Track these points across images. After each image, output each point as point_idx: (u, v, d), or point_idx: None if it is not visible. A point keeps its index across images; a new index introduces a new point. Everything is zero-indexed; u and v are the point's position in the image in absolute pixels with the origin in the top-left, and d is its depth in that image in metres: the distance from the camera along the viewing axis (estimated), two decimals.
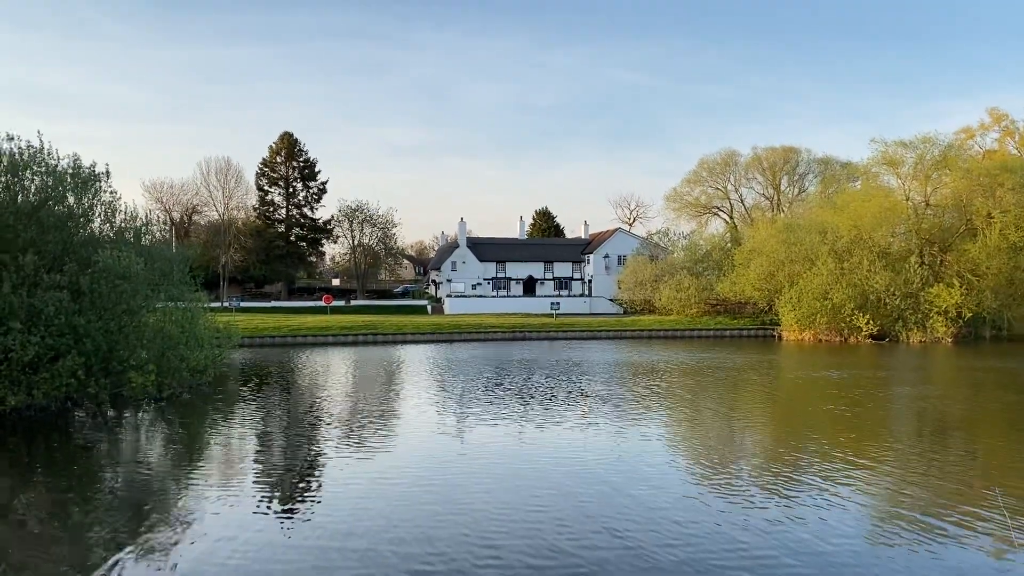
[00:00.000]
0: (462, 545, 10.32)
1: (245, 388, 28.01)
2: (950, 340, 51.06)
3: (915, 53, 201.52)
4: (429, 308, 79.47)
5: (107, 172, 25.11)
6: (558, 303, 75.91)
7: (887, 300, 53.31)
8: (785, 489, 13.18)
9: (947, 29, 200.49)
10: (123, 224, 26.07)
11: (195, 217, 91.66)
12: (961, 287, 52.12)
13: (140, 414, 21.97)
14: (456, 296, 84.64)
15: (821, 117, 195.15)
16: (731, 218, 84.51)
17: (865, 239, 56.24)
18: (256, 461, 16.05)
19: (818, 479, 13.90)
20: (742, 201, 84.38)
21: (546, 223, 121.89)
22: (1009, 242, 53.04)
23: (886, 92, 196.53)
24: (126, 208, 26.28)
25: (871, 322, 52.08)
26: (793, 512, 11.84)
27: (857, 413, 21.83)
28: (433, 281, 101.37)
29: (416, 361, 38.37)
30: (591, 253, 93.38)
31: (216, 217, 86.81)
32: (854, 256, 55.78)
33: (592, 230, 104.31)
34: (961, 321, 51.70)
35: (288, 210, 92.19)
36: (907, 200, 60.05)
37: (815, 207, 67.91)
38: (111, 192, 25.39)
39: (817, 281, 54.60)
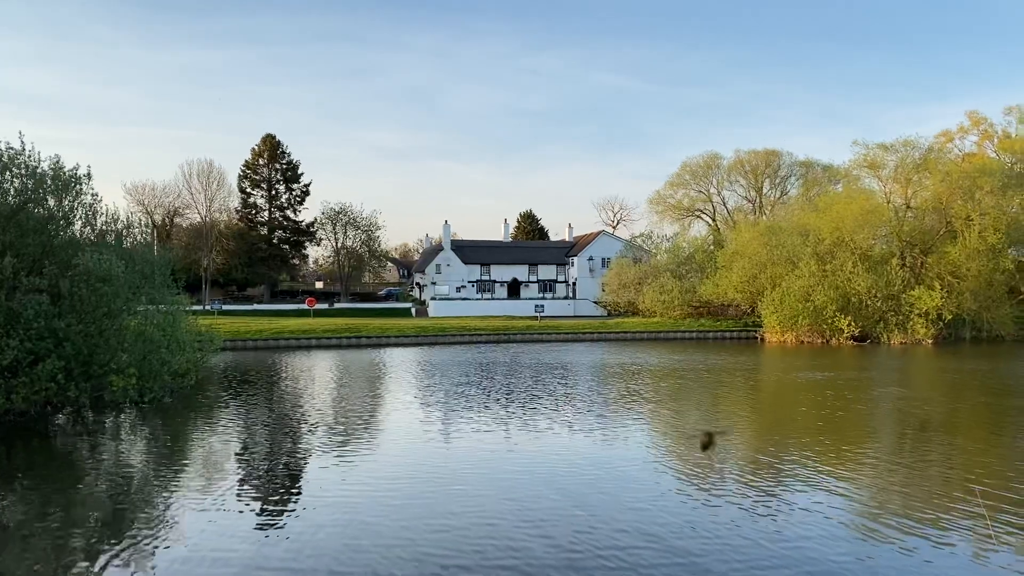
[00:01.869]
0: (442, 554, 10.31)
1: (227, 392, 27.83)
2: (930, 342, 51.51)
3: (896, 57, 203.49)
4: (413, 311, 79.33)
5: (88, 174, 24.89)
6: (542, 305, 75.98)
7: (868, 302, 53.72)
8: (768, 491, 13.24)
9: (927, 33, 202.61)
10: (104, 226, 25.87)
11: (177, 219, 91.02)
12: (941, 289, 52.62)
13: (121, 418, 21.79)
14: (440, 299, 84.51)
15: (803, 120, 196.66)
16: (714, 220, 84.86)
17: (847, 241, 56.68)
18: (237, 466, 15.94)
19: (800, 480, 13.99)
20: (724, 204, 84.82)
21: (530, 226, 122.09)
22: (988, 244, 53.62)
23: (867, 96, 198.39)
24: (107, 210, 26.11)
25: (852, 324, 52.50)
26: (776, 513, 11.90)
27: (839, 415, 21.98)
28: (417, 284, 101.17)
29: (400, 364, 38.29)
30: (575, 256, 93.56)
31: (198, 219, 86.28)
32: (836, 258, 56.21)
33: (576, 233, 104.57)
34: (941, 323, 52.19)
35: (271, 212, 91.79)
36: (888, 203, 60.58)
37: (797, 209, 68.35)
38: (92, 194, 25.21)
39: (799, 283, 54.94)
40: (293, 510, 12.34)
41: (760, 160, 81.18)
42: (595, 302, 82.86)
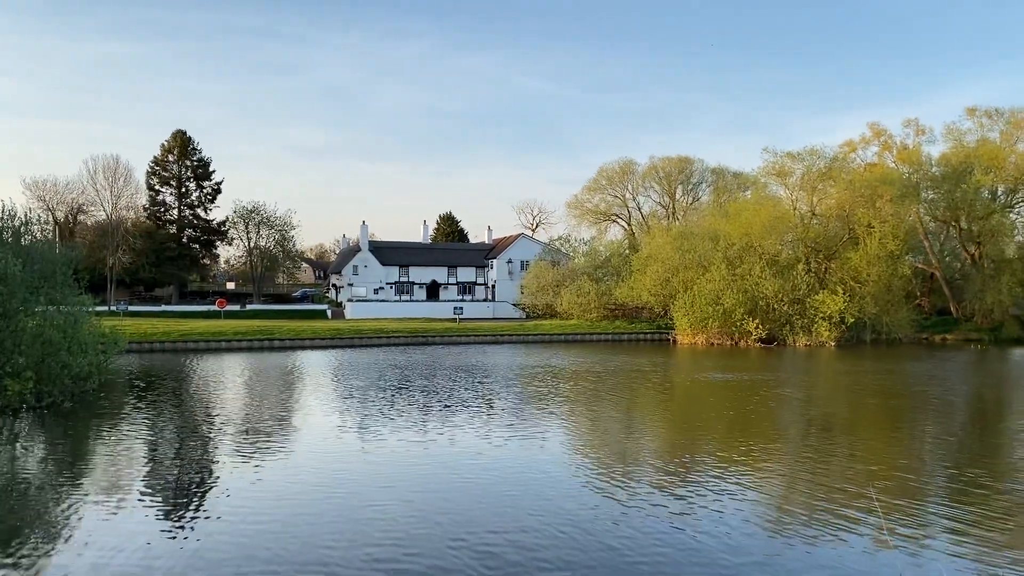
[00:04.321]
0: (354, 561, 10.23)
1: (132, 396, 26.87)
2: (833, 344, 53.65)
3: (805, 68, 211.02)
4: (329, 313, 78.10)
5: None
6: (461, 308, 75.87)
7: (775, 306, 55.64)
8: (678, 490, 13.59)
9: (834, 46, 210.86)
10: None
11: (81, 217, 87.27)
12: (844, 294, 54.87)
13: (17, 424, 20.78)
14: (357, 300, 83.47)
15: (717, 128, 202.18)
16: (629, 225, 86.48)
17: (755, 246, 58.59)
18: (141, 473, 15.44)
19: (709, 480, 14.38)
20: (639, 209, 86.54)
21: (450, 228, 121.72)
22: (887, 251, 56.32)
23: (778, 105, 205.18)
24: (3, 206, 24.94)
25: (760, 327, 54.28)
26: (685, 512, 12.22)
27: (746, 415, 22.69)
28: (334, 285, 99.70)
29: (314, 367, 37.68)
30: (495, 258, 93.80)
31: (103, 217, 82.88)
32: (745, 263, 58.01)
33: (496, 235, 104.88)
34: (844, 326, 54.40)
35: (180, 211, 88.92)
36: (795, 209, 62.93)
37: (708, 215, 70.24)
38: None
39: (710, 287, 56.48)
40: (197, 520, 12.01)
41: (674, 167, 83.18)
42: (514, 304, 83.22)
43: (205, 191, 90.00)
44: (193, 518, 11.99)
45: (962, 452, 17.62)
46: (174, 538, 10.97)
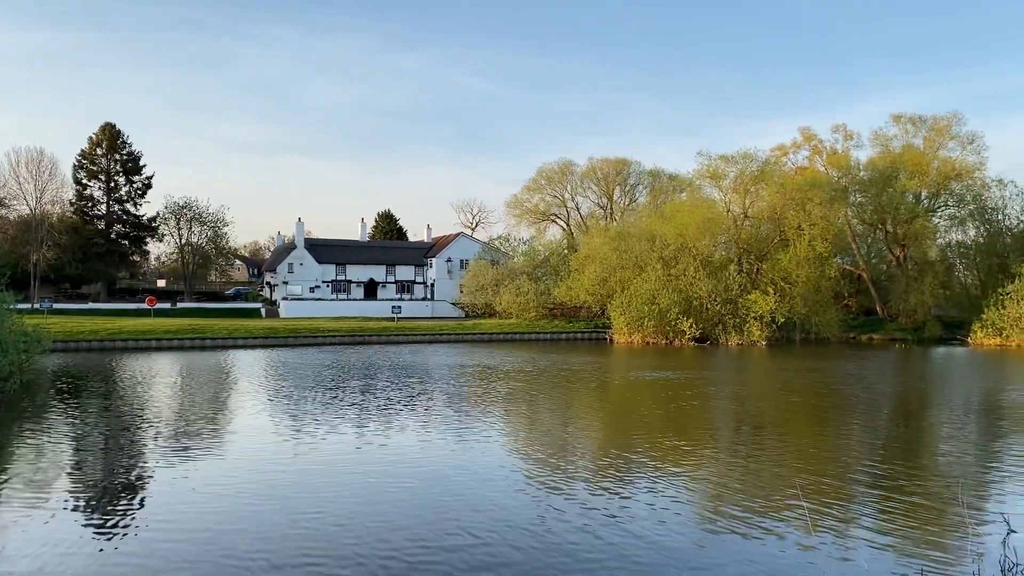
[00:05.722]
0: (287, 561, 10.11)
1: (56, 397, 26.00)
2: (764, 343, 54.96)
3: (739, 73, 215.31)
4: (263, 311, 76.77)
5: None
6: (399, 306, 75.42)
7: (709, 305, 56.79)
8: (613, 487, 13.76)
9: (767, 52, 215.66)
10: None
11: (2, 211, 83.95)
12: (775, 294, 56.28)
13: None
14: (293, 299, 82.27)
15: (654, 130, 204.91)
16: (568, 225, 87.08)
17: (690, 247, 59.68)
18: (63, 477, 14.96)
19: (640, 478, 14.60)
20: (578, 209, 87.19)
21: (389, 225, 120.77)
22: (816, 253, 57.99)
23: (713, 109, 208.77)
24: None
25: (694, 326, 55.31)
26: (620, 510, 12.37)
27: (681, 412, 23.08)
28: (268, 283, 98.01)
29: (247, 367, 37.03)
30: (434, 257, 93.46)
31: (27, 211, 79.89)
32: (680, 263, 59.04)
33: (435, 234, 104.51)
34: (774, 325, 55.78)
35: (109, 206, 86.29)
36: (728, 211, 64.23)
37: (645, 216, 71.26)
38: None
39: (646, 287, 57.35)
40: (118, 527, 11.66)
41: (611, 168, 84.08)
42: (453, 303, 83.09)
43: (135, 186, 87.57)
44: (114, 524, 11.66)
45: (883, 449, 18.22)
46: (94, 544, 10.66)
